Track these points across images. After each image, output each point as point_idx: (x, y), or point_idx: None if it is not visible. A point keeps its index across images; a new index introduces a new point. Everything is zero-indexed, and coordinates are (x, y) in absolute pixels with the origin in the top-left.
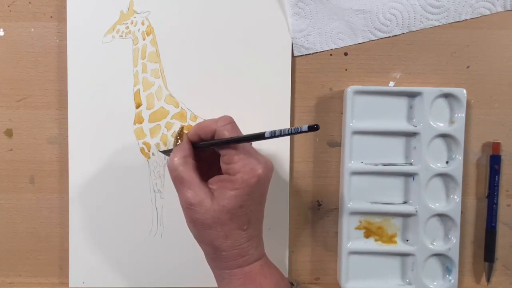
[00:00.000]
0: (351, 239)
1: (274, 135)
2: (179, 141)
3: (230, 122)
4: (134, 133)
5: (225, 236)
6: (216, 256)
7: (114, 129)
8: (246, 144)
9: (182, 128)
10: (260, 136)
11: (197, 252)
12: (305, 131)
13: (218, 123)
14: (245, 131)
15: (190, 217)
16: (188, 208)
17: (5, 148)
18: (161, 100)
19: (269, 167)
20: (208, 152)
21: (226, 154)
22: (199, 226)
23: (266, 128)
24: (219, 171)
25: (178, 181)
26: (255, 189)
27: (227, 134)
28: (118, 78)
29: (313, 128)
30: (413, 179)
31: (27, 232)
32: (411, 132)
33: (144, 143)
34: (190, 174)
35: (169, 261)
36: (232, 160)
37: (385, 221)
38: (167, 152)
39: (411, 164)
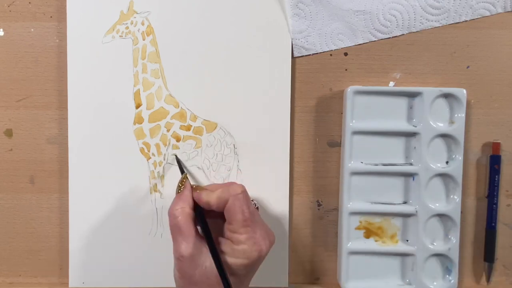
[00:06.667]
0: (351, 239)
1: None
2: (181, 188)
3: (242, 191)
4: (134, 133)
5: None
6: None
7: (114, 129)
8: (255, 213)
9: (185, 176)
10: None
11: None
12: None
13: (230, 191)
14: (245, 130)
15: (178, 268)
16: (179, 259)
17: (5, 148)
18: (161, 100)
19: (271, 241)
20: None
21: (232, 223)
22: (186, 280)
23: (266, 128)
24: (217, 226)
25: (175, 231)
26: (253, 263)
27: (237, 204)
28: (118, 78)
29: None
30: (413, 179)
31: (27, 232)
32: (411, 132)
33: (144, 143)
34: (188, 226)
35: (169, 261)
36: (238, 230)
37: (385, 221)
38: (179, 165)
39: (411, 164)
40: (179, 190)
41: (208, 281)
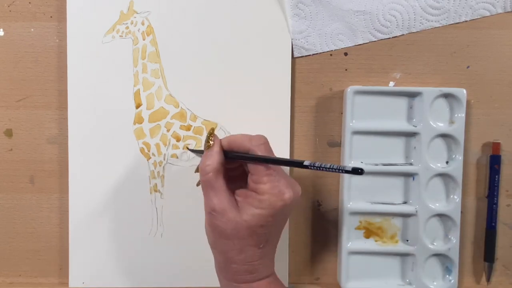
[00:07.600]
0: (351, 239)
1: (313, 166)
2: (210, 142)
3: (264, 142)
4: (134, 133)
5: (239, 250)
6: (226, 266)
7: (114, 129)
8: (277, 166)
9: (212, 130)
10: (297, 163)
11: (197, 252)
12: (348, 172)
13: (252, 142)
14: (245, 130)
15: (210, 223)
16: (211, 213)
17: (5, 148)
18: (161, 100)
19: (296, 191)
20: (236, 163)
21: (255, 174)
22: (217, 234)
23: (266, 128)
24: (245, 183)
25: (207, 186)
26: (280, 212)
27: (260, 154)
28: (118, 78)
29: (357, 171)
30: (413, 179)
31: (27, 232)
32: (411, 132)
33: (144, 143)
34: (219, 181)
35: (169, 261)
36: (261, 180)
37: (385, 221)
38: (197, 152)
39: (411, 164)
40: (207, 145)
41: (239, 234)
